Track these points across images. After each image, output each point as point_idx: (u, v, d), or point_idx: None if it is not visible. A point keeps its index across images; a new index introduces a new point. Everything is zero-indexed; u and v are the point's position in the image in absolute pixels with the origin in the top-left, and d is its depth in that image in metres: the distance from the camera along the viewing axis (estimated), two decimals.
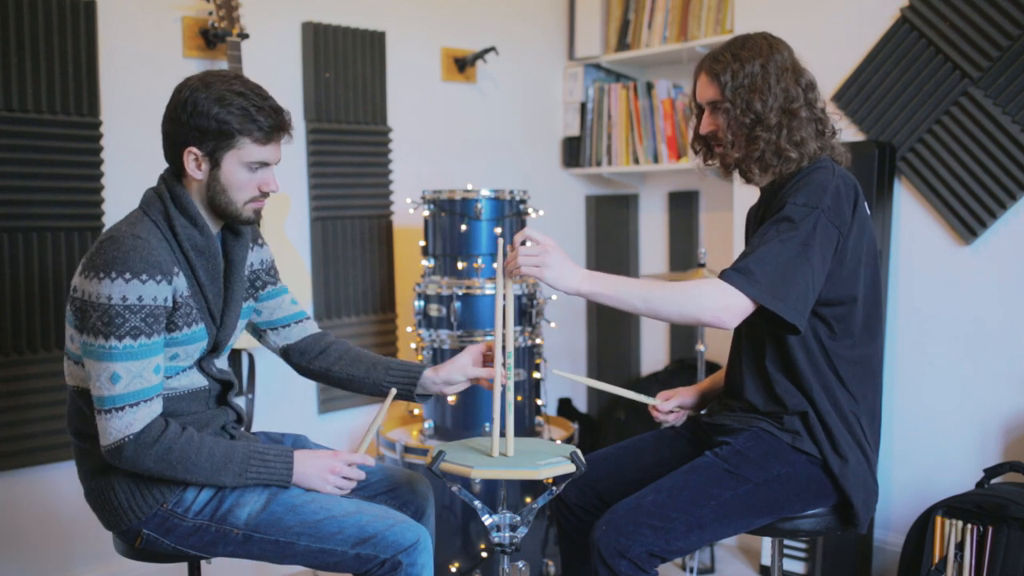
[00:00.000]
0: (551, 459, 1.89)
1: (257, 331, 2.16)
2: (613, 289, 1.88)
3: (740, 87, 1.96)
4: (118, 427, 1.71)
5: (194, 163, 1.81)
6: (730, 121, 1.98)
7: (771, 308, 1.81)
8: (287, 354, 2.15)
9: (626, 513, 1.87)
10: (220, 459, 1.79)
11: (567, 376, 2.22)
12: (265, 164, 1.85)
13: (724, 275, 1.85)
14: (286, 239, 3.00)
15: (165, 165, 1.91)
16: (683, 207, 3.98)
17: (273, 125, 1.82)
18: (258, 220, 1.93)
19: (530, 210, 3.11)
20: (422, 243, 3.11)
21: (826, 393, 1.96)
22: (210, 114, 1.76)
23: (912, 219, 2.91)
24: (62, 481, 2.78)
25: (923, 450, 2.90)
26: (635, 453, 2.19)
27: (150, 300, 1.72)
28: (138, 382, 1.72)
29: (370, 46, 3.40)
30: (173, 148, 1.83)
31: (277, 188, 1.89)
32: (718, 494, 1.89)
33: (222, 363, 2.01)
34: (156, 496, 1.81)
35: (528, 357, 3.06)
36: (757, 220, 2.11)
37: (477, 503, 1.96)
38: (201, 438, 1.79)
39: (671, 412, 2.24)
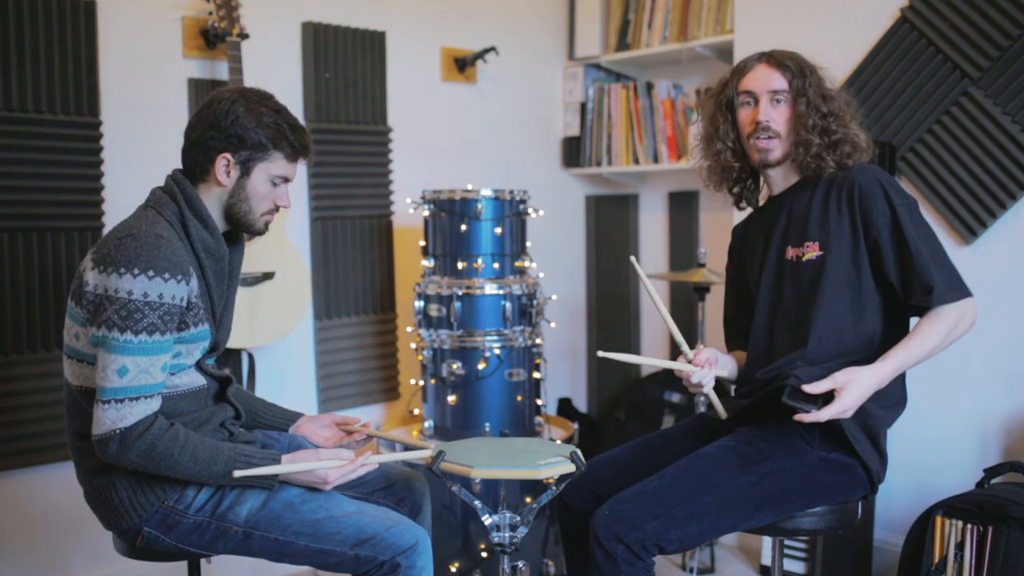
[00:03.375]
0: (551, 459, 1.89)
1: None
2: (898, 365, 1.95)
3: (810, 83, 2.04)
4: (112, 418, 1.73)
5: (224, 169, 1.89)
6: (807, 109, 2.03)
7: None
8: None
9: (629, 500, 1.89)
10: (204, 459, 1.78)
11: (613, 357, 1.99)
12: (286, 180, 1.95)
13: (947, 299, 1.93)
14: (286, 239, 3.00)
15: (165, 165, 1.94)
16: (683, 207, 3.97)
17: (303, 144, 1.94)
18: (265, 232, 2.00)
19: (530, 210, 3.11)
20: (422, 243, 3.11)
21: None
22: (250, 126, 1.87)
23: None
24: (62, 481, 2.78)
25: (923, 450, 2.90)
26: (638, 454, 2.18)
27: (169, 299, 1.76)
28: (144, 377, 1.74)
29: (370, 46, 3.40)
30: (206, 153, 1.88)
31: (289, 205, 1.99)
32: (721, 483, 1.90)
33: (219, 362, 2.05)
34: (158, 493, 1.82)
35: (528, 357, 3.06)
36: (780, 225, 2.13)
37: (477, 503, 1.96)
38: (187, 436, 1.79)
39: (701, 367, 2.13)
